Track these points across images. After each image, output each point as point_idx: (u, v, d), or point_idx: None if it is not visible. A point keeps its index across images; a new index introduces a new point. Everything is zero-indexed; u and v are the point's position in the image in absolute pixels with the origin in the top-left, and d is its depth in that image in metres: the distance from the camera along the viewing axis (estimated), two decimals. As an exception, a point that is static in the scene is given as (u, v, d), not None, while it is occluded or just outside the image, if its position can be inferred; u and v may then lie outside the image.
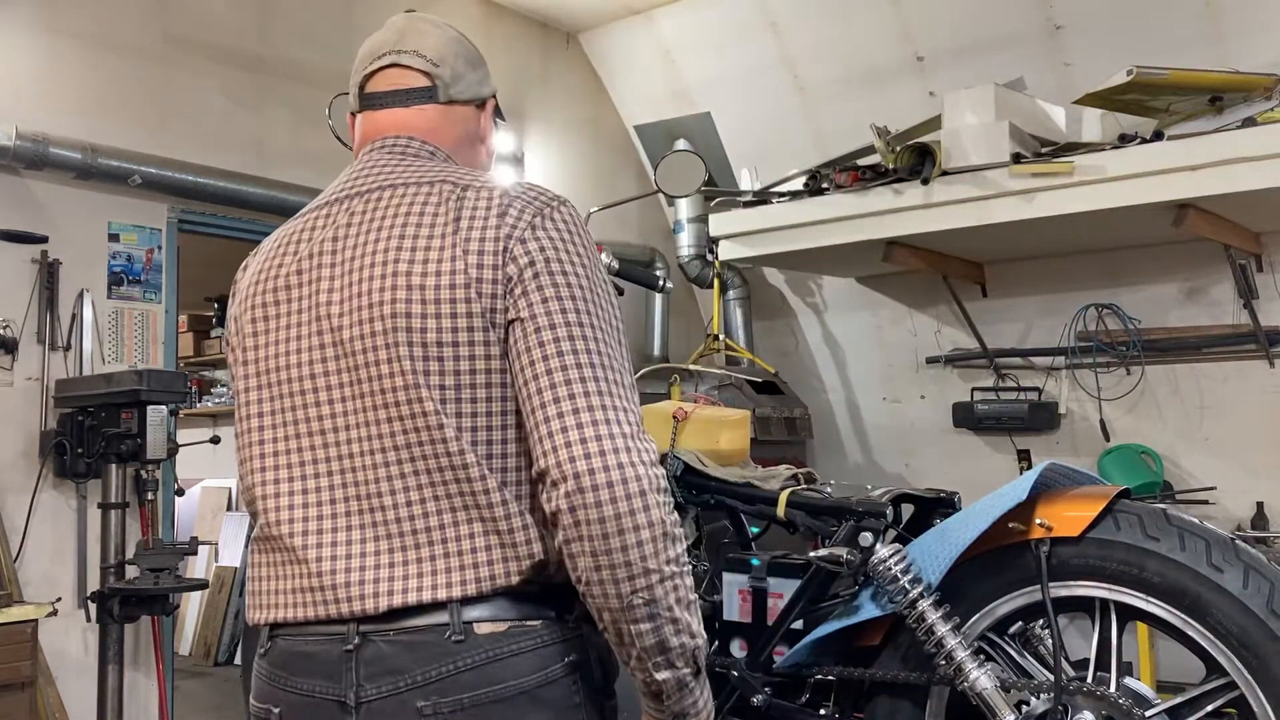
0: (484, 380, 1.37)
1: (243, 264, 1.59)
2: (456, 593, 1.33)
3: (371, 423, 1.38)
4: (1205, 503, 4.53)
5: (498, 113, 1.70)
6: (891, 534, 2.10)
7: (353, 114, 1.60)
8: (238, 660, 6.39)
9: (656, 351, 5.73)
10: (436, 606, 1.33)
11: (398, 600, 1.33)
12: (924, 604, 1.92)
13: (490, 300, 1.35)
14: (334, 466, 1.40)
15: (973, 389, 5.23)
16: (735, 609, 2.30)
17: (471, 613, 1.33)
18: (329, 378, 1.41)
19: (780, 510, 2.22)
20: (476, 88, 1.59)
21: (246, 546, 6.56)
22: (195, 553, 3.66)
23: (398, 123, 1.53)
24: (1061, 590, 1.89)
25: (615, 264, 2.42)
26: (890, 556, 1.97)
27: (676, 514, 1.37)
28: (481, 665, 1.32)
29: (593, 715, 1.40)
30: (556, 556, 1.35)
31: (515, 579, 1.35)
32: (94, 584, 3.63)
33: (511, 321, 1.35)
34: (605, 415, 1.30)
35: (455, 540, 1.34)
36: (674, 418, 2.41)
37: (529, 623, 1.36)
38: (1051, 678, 1.86)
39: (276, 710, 1.41)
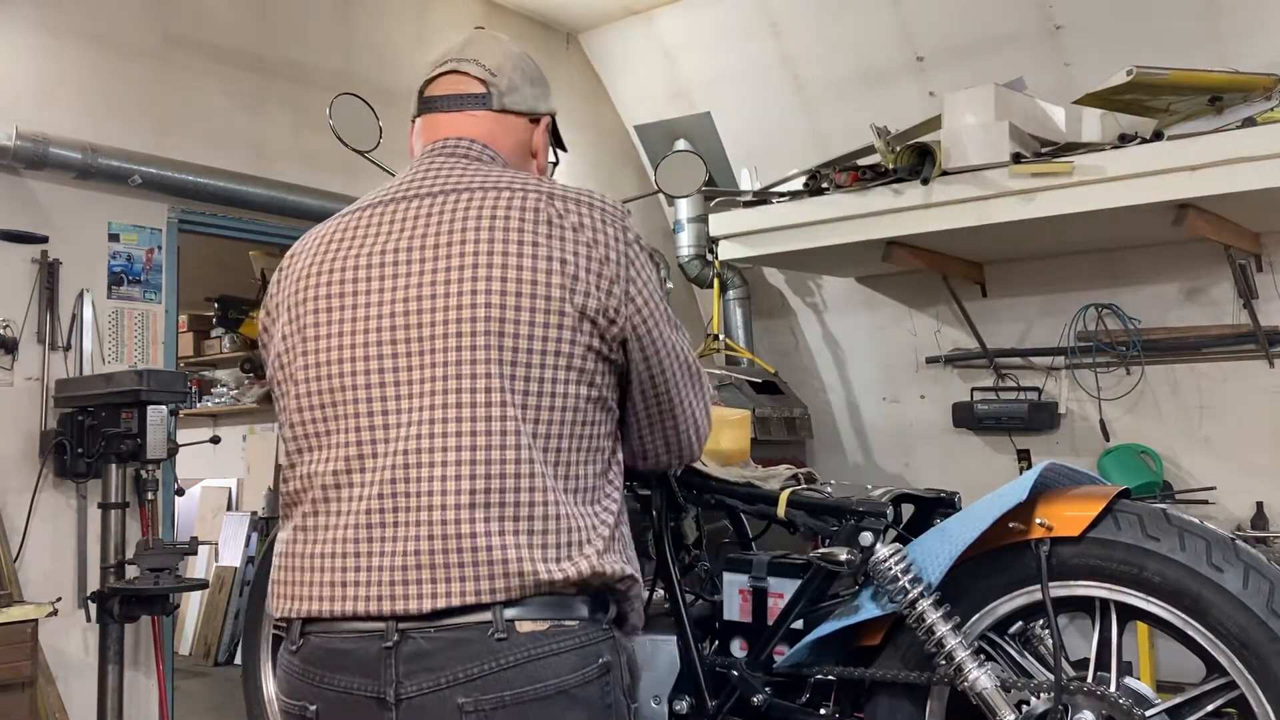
0: (562, 384, 1.41)
1: (290, 251, 1.59)
2: (500, 597, 1.34)
3: (438, 420, 1.38)
4: (1205, 503, 4.53)
5: (557, 138, 1.76)
6: (892, 534, 2.10)
7: (413, 119, 1.65)
8: (238, 660, 6.38)
9: (656, 351, 5.72)
10: (480, 607, 1.34)
11: (441, 603, 1.34)
12: (924, 604, 1.92)
13: (583, 302, 1.42)
14: (388, 462, 1.39)
15: (972, 389, 5.23)
16: (735, 609, 2.30)
17: (512, 611, 1.35)
18: (399, 373, 1.41)
19: (780, 510, 2.22)
20: (533, 102, 1.65)
21: (248, 545, 6.58)
22: (195, 553, 3.66)
23: (456, 126, 1.59)
24: (1061, 590, 1.89)
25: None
26: (890, 556, 1.97)
27: None
28: (522, 664, 1.33)
29: (623, 715, 1.43)
30: (598, 561, 1.39)
31: (557, 579, 1.36)
32: (94, 584, 3.63)
33: (621, 332, 1.46)
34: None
35: (501, 549, 1.35)
36: (674, 418, 2.41)
37: (567, 623, 1.38)
38: (1052, 677, 1.86)
39: (313, 708, 1.40)
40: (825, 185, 4.50)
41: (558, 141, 1.78)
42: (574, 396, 1.42)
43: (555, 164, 1.81)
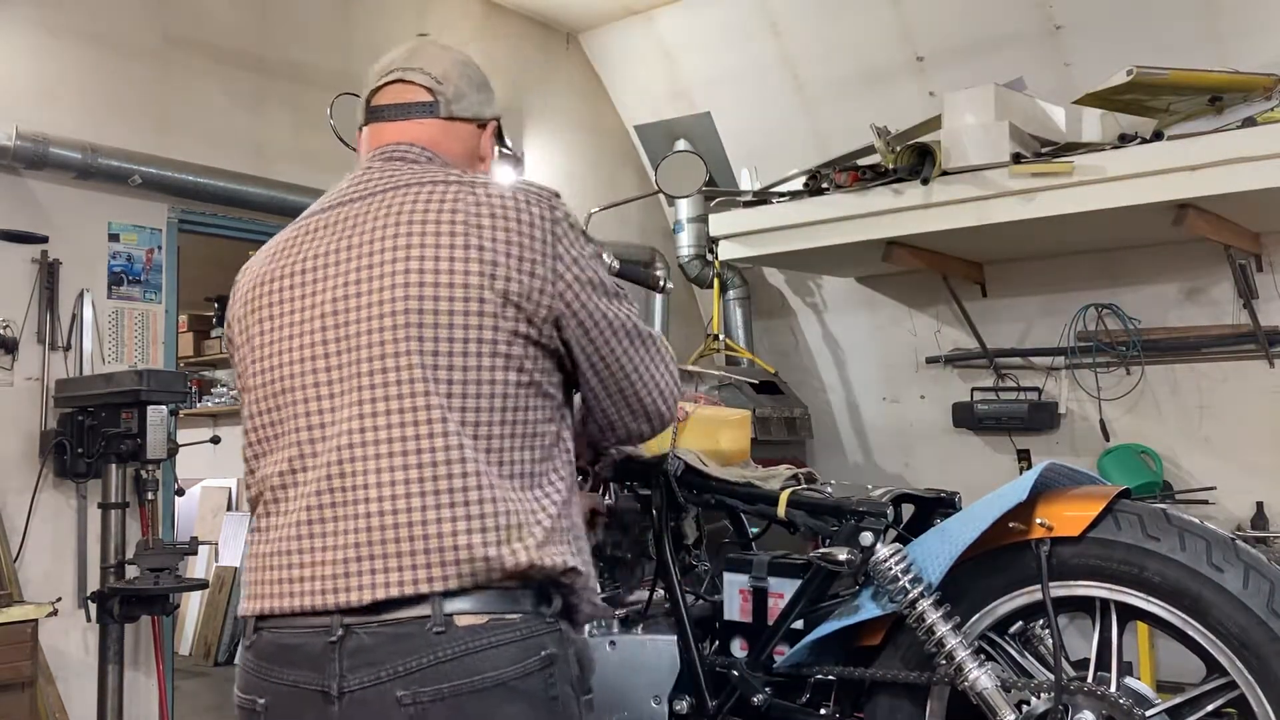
0: (488, 371, 1.43)
1: (243, 267, 1.63)
2: (438, 586, 1.36)
3: (367, 415, 1.41)
4: (1205, 503, 4.53)
5: (501, 140, 1.78)
6: (892, 534, 2.10)
7: (360, 128, 1.67)
8: (237, 660, 6.38)
9: (656, 351, 5.72)
10: (419, 599, 1.36)
11: (380, 593, 1.37)
12: (924, 604, 1.92)
13: (504, 287, 1.42)
14: (325, 459, 1.43)
15: (972, 389, 5.23)
16: (736, 609, 2.30)
17: (452, 605, 1.37)
18: (330, 372, 1.45)
19: (781, 510, 2.21)
20: (478, 107, 1.67)
21: (247, 545, 6.58)
22: (195, 553, 3.65)
23: (401, 134, 1.61)
24: (1062, 590, 1.89)
25: (615, 264, 2.42)
26: (891, 556, 1.97)
27: None
28: (460, 657, 1.35)
29: (569, 707, 1.44)
30: (537, 553, 1.40)
31: (496, 574, 1.38)
32: (94, 584, 3.63)
33: (551, 312, 1.46)
34: None
35: (438, 536, 1.37)
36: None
37: (508, 616, 1.40)
38: (1052, 677, 1.86)
39: (263, 701, 1.44)
40: (825, 185, 4.50)
41: (502, 143, 1.81)
42: (503, 383, 1.43)
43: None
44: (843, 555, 2.01)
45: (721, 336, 5.61)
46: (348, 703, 1.36)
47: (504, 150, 1.82)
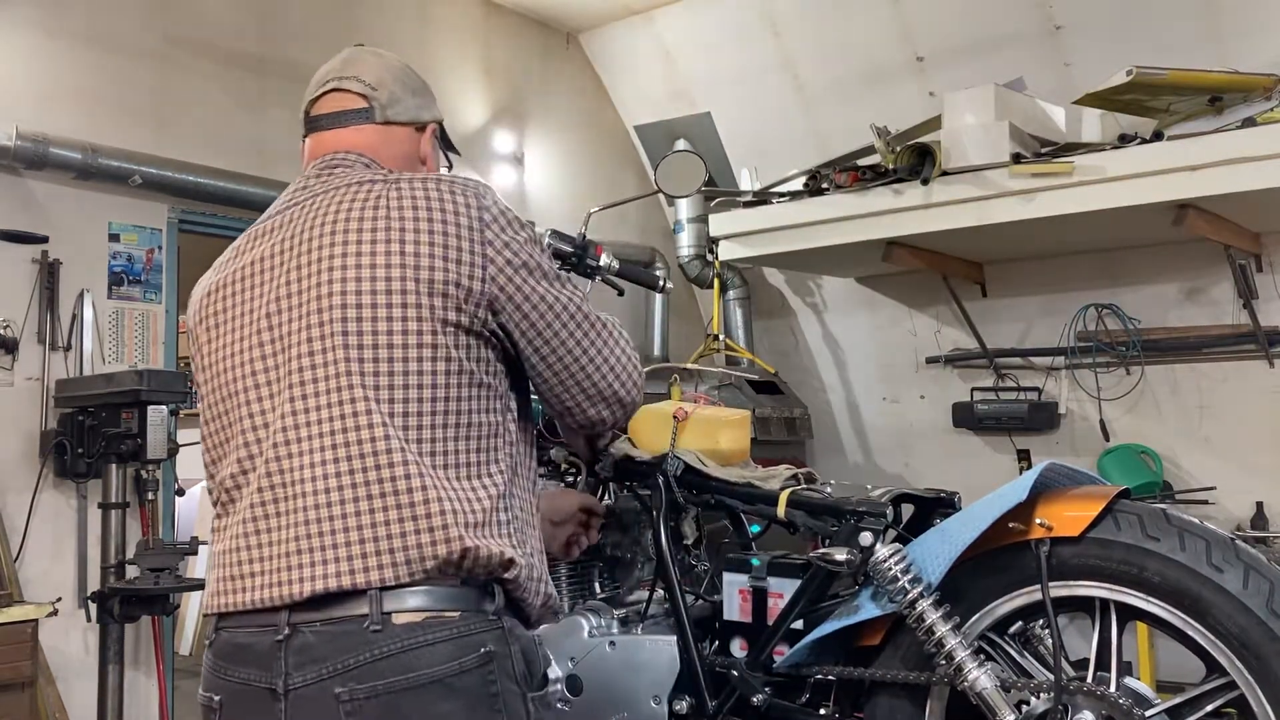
0: (415, 363, 1.45)
1: (199, 280, 1.67)
2: (375, 578, 1.39)
3: (299, 412, 1.45)
4: (1205, 503, 4.53)
5: (447, 143, 1.82)
6: (891, 534, 2.10)
7: (302, 139, 1.70)
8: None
9: (656, 351, 5.73)
10: (356, 594, 1.39)
11: (319, 585, 1.39)
12: (924, 604, 1.92)
13: (429, 277, 1.45)
14: (265, 458, 1.46)
15: (972, 389, 5.23)
16: (735, 609, 2.29)
17: (391, 603, 1.39)
18: (268, 373, 1.49)
19: (780, 510, 2.21)
20: (415, 111, 1.70)
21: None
22: (195, 553, 3.65)
23: (339, 141, 1.64)
24: (1061, 590, 1.89)
25: (615, 264, 2.42)
26: (890, 556, 1.97)
27: None
28: (396, 654, 1.37)
29: (512, 705, 1.43)
30: (471, 543, 1.41)
31: (432, 568, 1.40)
32: (94, 584, 3.64)
33: (483, 296, 1.47)
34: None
35: (371, 527, 1.40)
36: (674, 418, 2.41)
37: (446, 614, 1.41)
38: (1051, 677, 1.86)
39: (218, 699, 1.47)
40: (825, 185, 4.50)
41: (448, 145, 1.84)
42: (431, 374, 1.45)
43: (450, 167, 1.86)
44: (842, 555, 2.01)
45: (721, 336, 5.61)
46: (293, 699, 1.38)
47: (449, 153, 1.85)
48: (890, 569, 1.96)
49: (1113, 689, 1.84)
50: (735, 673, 2.20)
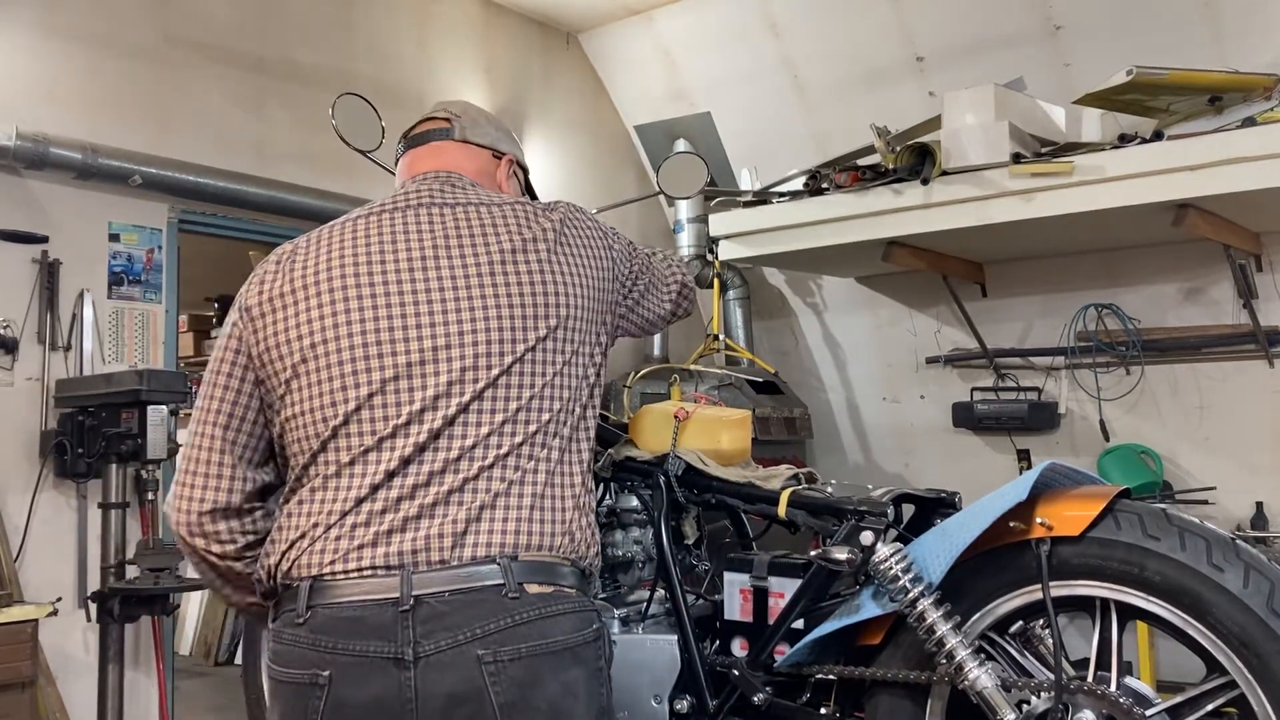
0: (571, 379, 1.62)
1: (274, 258, 1.67)
2: (509, 549, 1.49)
3: (471, 396, 1.54)
4: (1205, 503, 4.53)
5: (527, 182, 2.03)
6: (892, 534, 2.10)
7: (396, 159, 1.92)
8: (238, 660, 6.38)
9: (656, 351, 5.73)
10: (489, 561, 1.47)
11: (463, 554, 1.47)
12: (925, 603, 1.92)
13: (599, 299, 1.70)
14: (430, 426, 1.52)
15: (972, 389, 5.23)
16: (736, 608, 2.29)
17: (522, 574, 1.48)
18: (423, 366, 1.54)
19: (781, 510, 2.21)
20: (494, 139, 1.91)
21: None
22: (195, 553, 3.65)
23: (431, 153, 1.83)
24: (1062, 589, 1.89)
25: None
26: (891, 556, 1.97)
27: None
28: (534, 620, 1.47)
29: (607, 682, 1.57)
30: (584, 535, 1.57)
31: (553, 545, 1.53)
32: (94, 584, 3.64)
33: (629, 294, 1.82)
34: None
35: (505, 509, 1.51)
36: (675, 418, 2.41)
37: (566, 589, 1.53)
38: (1052, 677, 1.86)
39: (326, 673, 1.45)
40: (825, 185, 4.50)
41: (528, 186, 2.04)
42: (583, 386, 1.66)
43: None
44: (843, 555, 2.01)
45: (721, 336, 5.61)
46: (423, 666, 1.42)
47: (529, 192, 2.03)
48: (891, 568, 1.96)
49: (1113, 688, 1.84)
50: (736, 672, 2.20)
